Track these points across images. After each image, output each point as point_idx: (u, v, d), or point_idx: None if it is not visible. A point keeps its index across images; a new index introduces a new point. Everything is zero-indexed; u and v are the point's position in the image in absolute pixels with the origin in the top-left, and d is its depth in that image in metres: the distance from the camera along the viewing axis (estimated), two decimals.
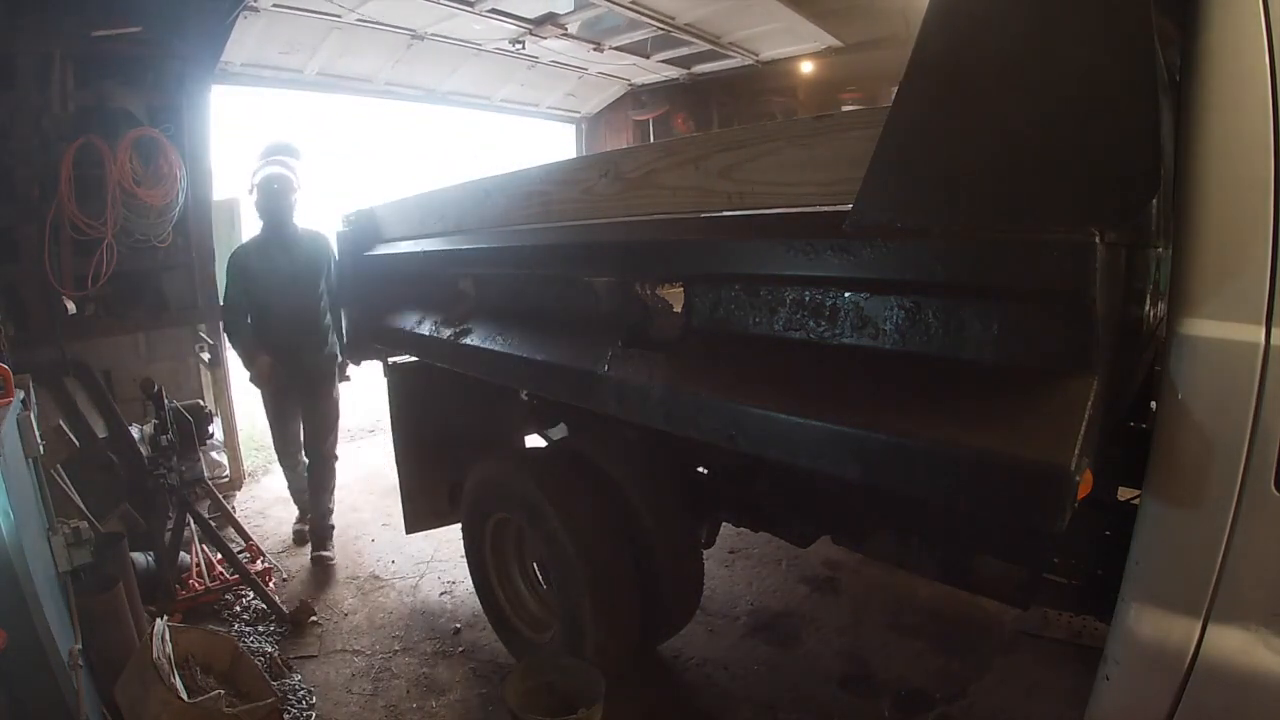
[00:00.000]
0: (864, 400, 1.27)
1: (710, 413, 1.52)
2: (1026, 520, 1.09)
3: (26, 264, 3.61)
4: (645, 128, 8.03)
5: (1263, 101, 1.02)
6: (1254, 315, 1.03)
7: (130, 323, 4.10)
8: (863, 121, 1.34)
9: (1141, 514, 1.19)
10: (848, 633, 2.71)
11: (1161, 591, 1.18)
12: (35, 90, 3.58)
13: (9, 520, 1.50)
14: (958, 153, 1.17)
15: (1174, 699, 1.16)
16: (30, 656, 1.53)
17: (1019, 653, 2.50)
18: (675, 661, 2.59)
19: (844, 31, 6.12)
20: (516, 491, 2.22)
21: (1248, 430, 1.04)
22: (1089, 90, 1.04)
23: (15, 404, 1.84)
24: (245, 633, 2.87)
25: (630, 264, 1.78)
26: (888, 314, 1.26)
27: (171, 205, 3.92)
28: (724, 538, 2.99)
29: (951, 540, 1.98)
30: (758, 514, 2.38)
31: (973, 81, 1.16)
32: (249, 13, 4.41)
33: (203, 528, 3.11)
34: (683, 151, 1.71)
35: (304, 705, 2.43)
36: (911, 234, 1.16)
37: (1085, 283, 0.99)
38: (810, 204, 1.43)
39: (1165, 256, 1.47)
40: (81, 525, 2.02)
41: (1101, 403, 1.06)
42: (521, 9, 5.32)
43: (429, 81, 6.48)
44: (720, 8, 5.52)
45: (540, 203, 2.14)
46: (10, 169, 3.57)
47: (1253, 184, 1.03)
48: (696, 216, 1.67)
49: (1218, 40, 1.06)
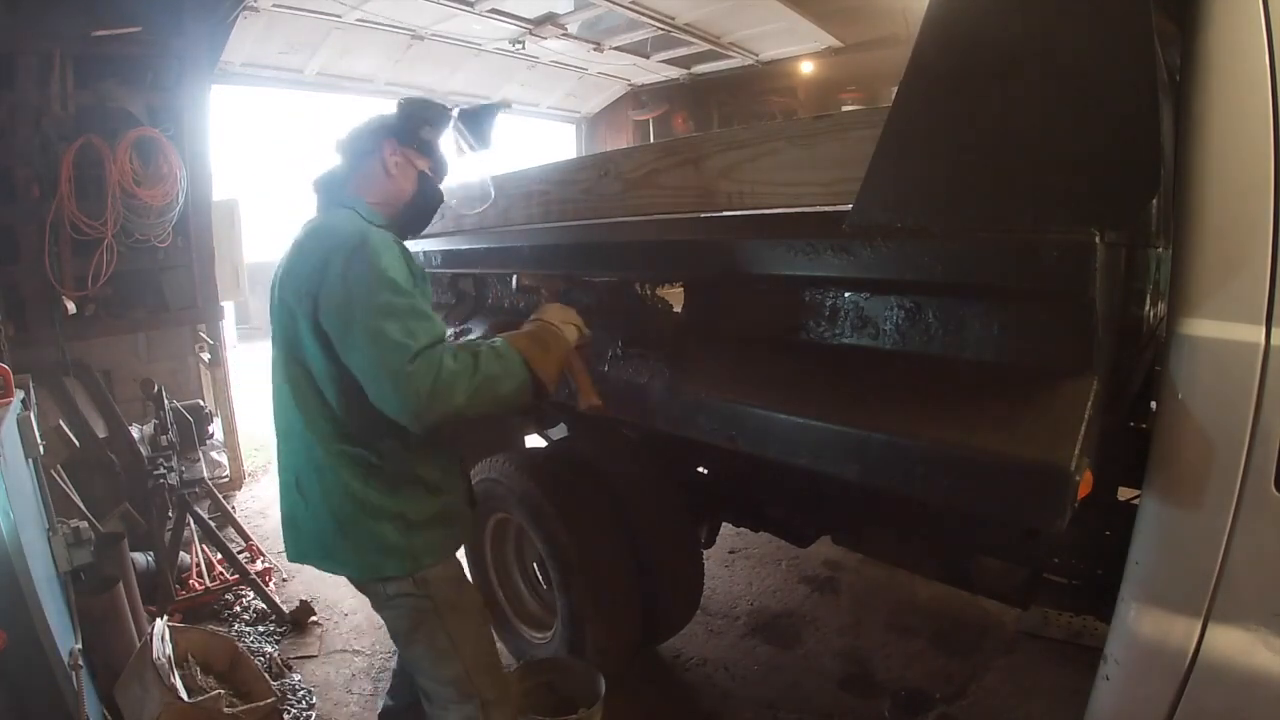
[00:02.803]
0: (864, 400, 1.27)
1: (710, 413, 1.52)
2: (1026, 520, 1.09)
3: (26, 264, 3.60)
4: (645, 128, 8.04)
5: (1263, 101, 1.01)
6: (1254, 315, 1.03)
7: (130, 323, 4.10)
8: (863, 121, 1.34)
9: (1141, 514, 1.19)
10: (848, 633, 2.71)
11: (1161, 591, 1.18)
12: (35, 90, 3.57)
13: (9, 520, 1.49)
14: (958, 153, 1.17)
15: (1174, 699, 1.16)
16: (30, 656, 1.53)
17: (1019, 653, 2.50)
18: (675, 661, 2.59)
19: (844, 31, 6.13)
20: (516, 491, 2.22)
21: (1248, 430, 1.04)
22: (1089, 90, 1.04)
23: (15, 404, 1.84)
24: (245, 633, 2.87)
25: (630, 264, 1.78)
26: (888, 314, 1.26)
27: (171, 205, 3.91)
28: (724, 538, 2.99)
29: (951, 540, 1.98)
30: (758, 514, 2.38)
31: (973, 81, 1.16)
32: (249, 13, 4.42)
33: (203, 528, 3.11)
34: (683, 151, 1.71)
35: (304, 705, 2.43)
36: (911, 234, 1.16)
37: (1085, 283, 0.99)
38: (810, 204, 1.43)
39: (1165, 256, 1.47)
40: (81, 525, 2.01)
41: (1101, 403, 1.06)
42: (521, 9, 5.32)
43: (429, 81, 6.48)
44: (720, 8, 5.52)
45: (540, 203, 2.14)
46: (10, 169, 3.57)
47: (1253, 184, 1.03)
48: (696, 216, 1.67)
49: (1218, 40, 1.06)
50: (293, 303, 1.37)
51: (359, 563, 1.49)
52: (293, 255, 1.43)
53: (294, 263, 1.41)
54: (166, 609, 2.76)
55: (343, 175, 1.53)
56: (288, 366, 1.44)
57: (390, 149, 1.50)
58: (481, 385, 1.31)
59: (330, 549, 1.50)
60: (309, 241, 1.42)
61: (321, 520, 1.47)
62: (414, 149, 1.53)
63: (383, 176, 1.50)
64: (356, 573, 1.52)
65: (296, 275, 1.38)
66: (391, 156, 1.50)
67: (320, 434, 1.43)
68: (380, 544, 1.45)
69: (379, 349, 1.27)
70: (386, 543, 1.45)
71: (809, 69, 6.89)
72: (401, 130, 1.52)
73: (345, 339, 1.31)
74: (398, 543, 1.46)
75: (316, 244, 1.39)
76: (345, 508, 1.44)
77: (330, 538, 1.48)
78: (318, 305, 1.33)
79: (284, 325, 1.42)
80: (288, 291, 1.39)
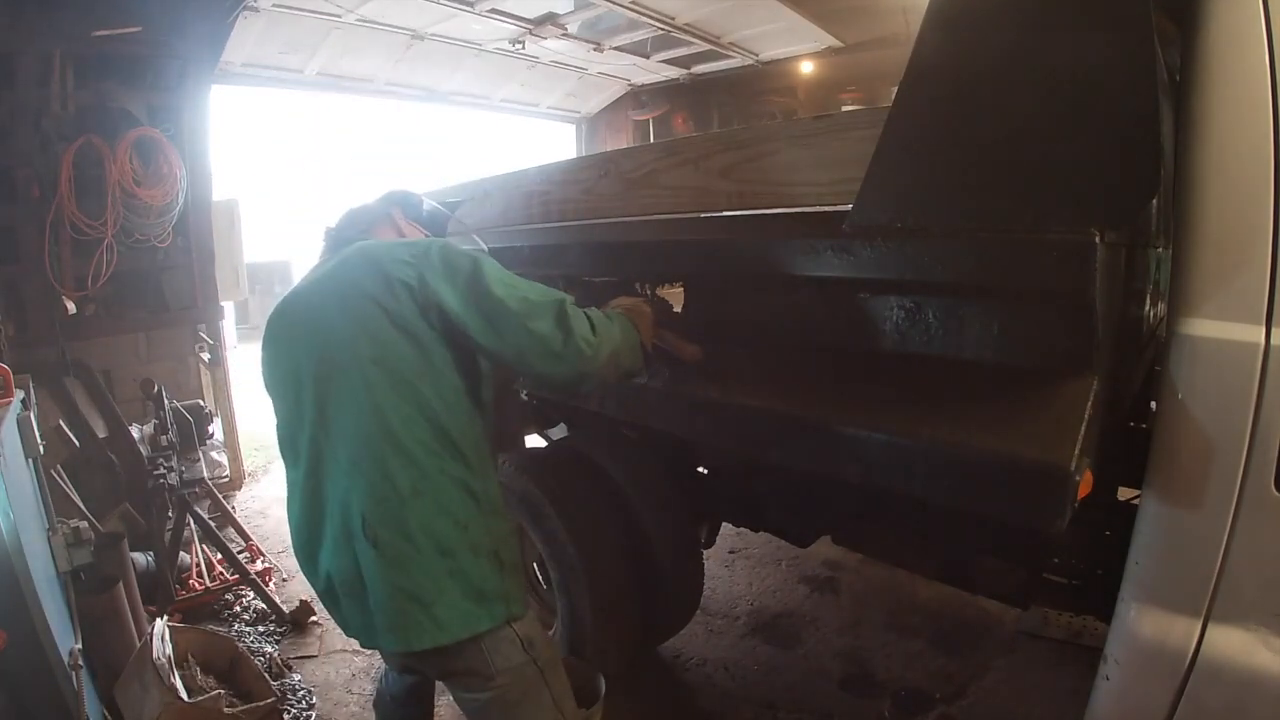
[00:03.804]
0: (864, 400, 1.27)
1: (710, 413, 1.52)
2: (1026, 520, 1.09)
3: (26, 264, 3.61)
4: (645, 128, 8.04)
5: (1263, 101, 1.01)
6: (1254, 315, 1.03)
7: (130, 323, 4.10)
8: (863, 121, 1.34)
9: (1141, 514, 1.19)
10: (848, 633, 2.71)
11: (1161, 591, 1.18)
12: (35, 90, 3.58)
13: (9, 520, 1.50)
14: (958, 153, 1.17)
15: (1174, 699, 1.16)
16: (30, 656, 1.53)
17: (1019, 653, 2.50)
18: (675, 661, 2.59)
19: (844, 31, 6.13)
20: (516, 491, 2.22)
21: (1248, 430, 1.04)
22: (1089, 90, 1.04)
23: (15, 404, 1.84)
24: (245, 633, 2.87)
25: (630, 264, 1.78)
26: (887, 314, 1.26)
27: (171, 205, 3.92)
28: (724, 538, 2.99)
29: (951, 540, 1.98)
30: (758, 514, 2.38)
31: (973, 81, 1.16)
32: (249, 13, 4.42)
33: (203, 528, 3.11)
34: (683, 151, 1.71)
35: (304, 705, 2.42)
36: (911, 234, 1.16)
37: (1085, 283, 0.99)
38: (810, 204, 1.43)
39: (1165, 256, 1.47)
40: (81, 525, 2.01)
41: (1101, 403, 1.06)
42: (521, 9, 5.32)
43: (429, 81, 6.48)
44: (720, 8, 5.52)
45: (540, 203, 2.14)
46: (10, 169, 3.57)
47: (1253, 184, 1.03)
48: (696, 216, 1.67)
49: (1218, 40, 1.06)
50: (372, 297, 1.22)
51: (458, 615, 1.22)
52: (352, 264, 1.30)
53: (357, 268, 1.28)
54: (166, 609, 2.76)
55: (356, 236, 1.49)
56: (363, 373, 1.21)
57: (399, 214, 1.59)
58: (621, 340, 1.35)
59: (426, 599, 1.20)
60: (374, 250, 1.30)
61: (407, 563, 1.20)
62: (415, 222, 1.62)
63: (398, 236, 1.54)
64: (456, 629, 1.23)
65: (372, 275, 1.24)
66: (401, 221, 1.58)
67: (420, 445, 1.22)
68: (478, 589, 1.23)
69: (539, 312, 1.24)
70: (486, 587, 1.24)
71: (809, 69, 6.88)
72: (400, 204, 1.62)
73: (495, 316, 1.22)
74: (497, 587, 1.25)
75: (383, 250, 1.29)
76: (450, 537, 1.22)
77: (423, 582, 1.20)
78: (419, 293, 1.22)
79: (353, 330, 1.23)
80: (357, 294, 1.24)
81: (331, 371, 1.25)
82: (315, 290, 1.33)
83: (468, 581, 1.23)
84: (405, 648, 1.24)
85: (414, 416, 1.22)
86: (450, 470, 1.24)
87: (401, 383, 1.22)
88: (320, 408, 1.26)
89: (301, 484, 1.31)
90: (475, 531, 1.25)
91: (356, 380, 1.22)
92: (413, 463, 1.21)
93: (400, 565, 1.21)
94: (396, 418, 1.21)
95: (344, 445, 1.24)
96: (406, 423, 1.21)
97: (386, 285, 1.22)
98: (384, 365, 1.22)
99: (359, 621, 1.29)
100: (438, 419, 1.23)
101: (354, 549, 1.23)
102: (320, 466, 1.28)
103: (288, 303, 1.37)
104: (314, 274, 1.39)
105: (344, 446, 1.24)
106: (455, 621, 1.22)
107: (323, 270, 1.37)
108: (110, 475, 3.32)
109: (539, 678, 1.33)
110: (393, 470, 1.20)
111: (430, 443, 1.22)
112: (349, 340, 1.23)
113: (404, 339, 1.22)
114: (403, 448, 1.21)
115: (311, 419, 1.27)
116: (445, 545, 1.22)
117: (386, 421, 1.21)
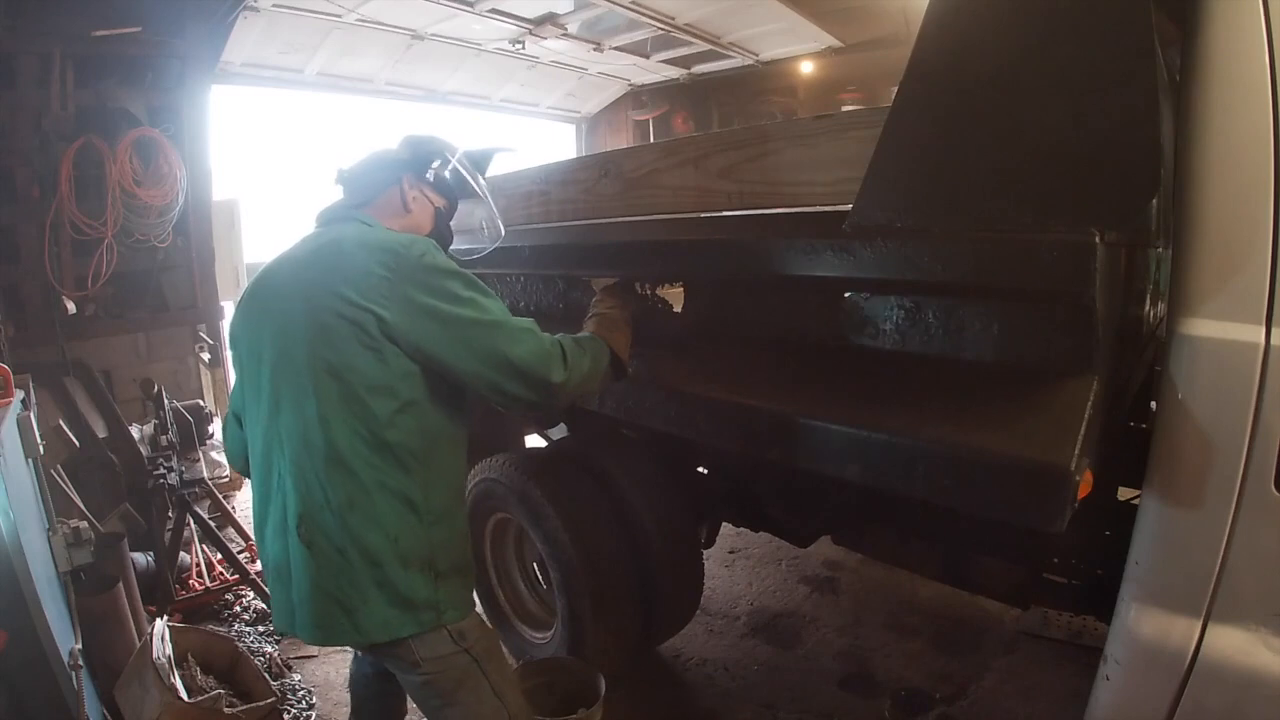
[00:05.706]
0: (864, 400, 1.27)
1: (710, 413, 1.52)
2: (1026, 520, 1.09)
3: (26, 264, 3.61)
4: (645, 128, 8.04)
5: (1263, 101, 1.01)
6: (1254, 315, 1.03)
7: (130, 323, 4.11)
8: (863, 121, 1.34)
9: (1141, 514, 1.19)
10: (848, 633, 2.71)
11: (1161, 591, 1.18)
12: (35, 90, 3.58)
13: (9, 520, 1.49)
14: (958, 153, 1.17)
15: (1174, 699, 1.16)
16: (30, 656, 1.53)
17: (1019, 653, 2.50)
18: (675, 661, 2.59)
19: (844, 31, 6.13)
20: (516, 491, 2.22)
21: (1248, 430, 1.04)
22: (1089, 90, 1.04)
23: (15, 404, 1.84)
24: (245, 633, 2.86)
25: (630, 264, 1.78)
26: (887, 314, 1.26)
27: (171, 205, 3.92)
28: (724, 538, 2.99)
29: (951, 540, 1.98)
30: (758, 514, 2.38)
31: (973, 81, 1.16)
32: (249, 13, 4.42)
33: (203, 528, 3.10)
34: (683, 151, 1.71)
35: (304, 705, 2.42)
36: (911, 234, 1.16)
37: (1085, 283, 0.99)
38: (810, 204, 1.43)
39: (1165, 256, 1.47)
40: (81, 525, 2.01)
41: (1101, 403, 1.06)
42: (521, 9, 5.32)
43: (429, 81, 6.48)
44: (720, 8, 5.52)
45: (540, 203, 2.14)
46: (10, 169, 3.57)
47: (1253, 184, 1.03)
48: (696, 216, 1.67)
49: (1218, 40, 1.06)
50: (337, 307, 1.20)
51: (379, 623, 1.25)
52: (326, 257, 1.28)
53: (329, 265, 1.26)
54: (166, 609, 2.76)
55: (354, 205, 1.43)
56: (315, 380, 1.22)
57: (409, 183, 1.46)
58: (590, 368, 1.37)
59: (349, 605, 1.24)
60: (350, 247, 1.27)
61: (335, 570, 1.23)
62: (430, 186, 1.49)
63: (400, 210, 1.45)
64: (376, 635, 1.26)
65: (342, 278, 1.22)
66: (410, 190, 1.45)
67: (360, 459, 1.22)
68: (404, 598, 1.25)
69: (506, 334, 1.25)
70: (415, 597, 1.25)
71: (809, 69, 6.89)
72: (415, 166, 1.48)
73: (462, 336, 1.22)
74: (428, 597, 1.27)
75: (359, 249, 1.25)
76: (380, 549, 1.23)
77: (349, 591, 1.24)
78: (388, 309, 1.20)
79: (312, 333, 1.22)
80: (323, 295, 1.22)
81: (287, 366, 1.26)
82: (290, 279, 1.32)
83: (394, 591, 1.24)
84: (322, 644, 1.29)
85: (359, 431, 1.22)
86: (390, 482, 1.24)
87: (352, 398, 1.22)
88: (275, 395, 1.28)
89: (258, 463, 1.34)
90: (407, 543, 1.25)
91: (308, 385, 1.23)
92: (351, 475, 1.22)
93: (328, 570, 1.24)
94: (341, 432, 1.22)
95: (289, 441, 1.26)
96: (351, 437, 1.22)
97: (356, 291, 1.20)
98: (339, 377, 1.21)
99: (284, 607, 1.33)
100: (381, 434, 1.23)
101: (288, 541, 1.27)
102: (271, 450, 1.31)
103: (267, 276, 1.37)
104: (298, 250, 1.36)
105: (289, 442, 1.26)
106: (376, 628, 1.26)
107: (304, 250, 1.34)
108: (110, 475, 3.31)
109: (473, 666, 1.34)
110: (329, 482, 1.22)
111: (370, 456, 1.23)
112: (308, 340, 1.23)
113: (365, 351, 1.21)
114: (342, 461, 1.22)
115: (268, 402, 1.30)
116: (375, 557, 1.23)
117: (331, 434, 1.22)
